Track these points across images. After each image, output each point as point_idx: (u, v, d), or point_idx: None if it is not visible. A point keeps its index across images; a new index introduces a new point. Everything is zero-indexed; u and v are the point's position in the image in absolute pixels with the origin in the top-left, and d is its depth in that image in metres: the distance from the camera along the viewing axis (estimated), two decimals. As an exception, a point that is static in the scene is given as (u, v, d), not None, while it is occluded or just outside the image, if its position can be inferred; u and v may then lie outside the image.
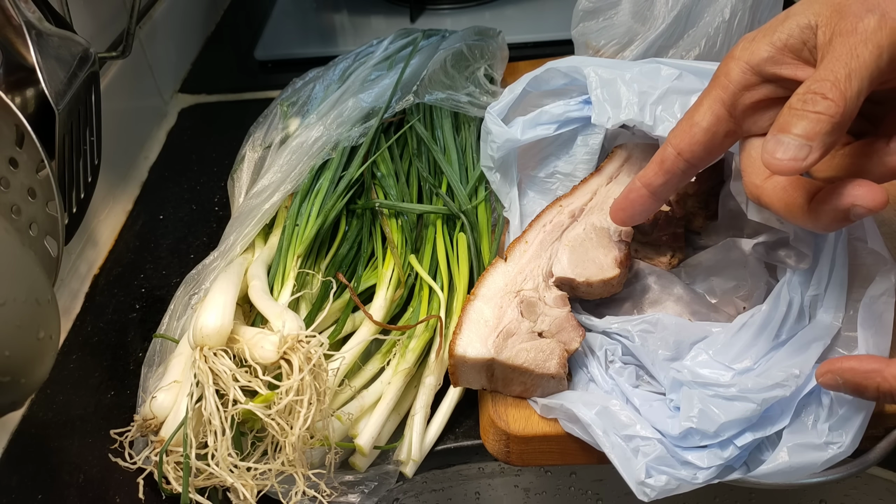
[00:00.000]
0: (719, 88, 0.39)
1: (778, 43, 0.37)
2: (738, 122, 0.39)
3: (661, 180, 0.42)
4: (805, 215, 0.36)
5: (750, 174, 0.38)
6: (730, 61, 0.39)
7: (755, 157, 0.38)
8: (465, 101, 0.67)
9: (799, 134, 0.33)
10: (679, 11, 0.61)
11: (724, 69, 0.39)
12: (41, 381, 0.40)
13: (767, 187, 0.37)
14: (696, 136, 0.40)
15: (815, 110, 0.33)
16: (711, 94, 0.40)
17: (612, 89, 0.49)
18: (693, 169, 0.42)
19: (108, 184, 0.69)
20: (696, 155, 0.41)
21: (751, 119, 0.39)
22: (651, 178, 0.43)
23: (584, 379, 0.48)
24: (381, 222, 0.58)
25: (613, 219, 0.47)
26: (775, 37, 0.37)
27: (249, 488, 0.42)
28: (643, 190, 0.43)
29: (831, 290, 0.44)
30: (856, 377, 0.37)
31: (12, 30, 0.47)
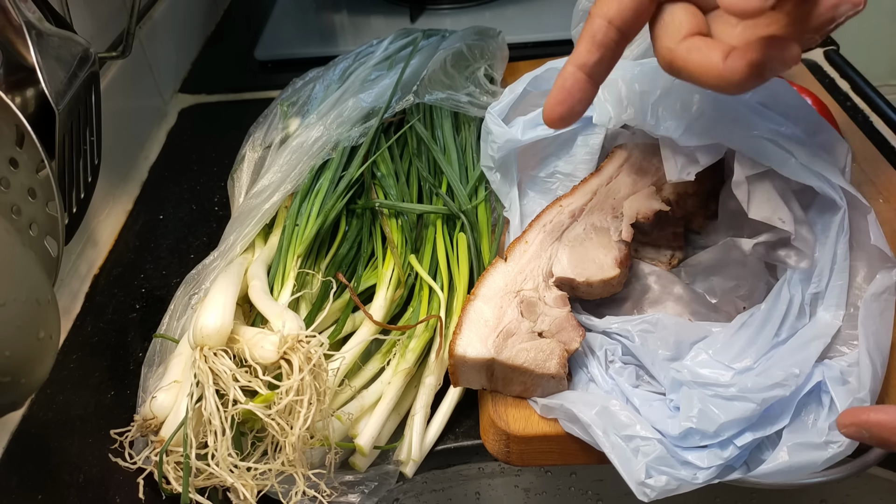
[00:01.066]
0: None
1: None
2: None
3: (596, 56, 0.40)
4: (718, 74, 0.35)
5: (663, 38, 0.38)
6: None
7: (669, 21, 0.38)
8: (465, 101, 0.67)
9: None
10: (679, 11, 0.61)
11: None
12: (41, 381, 0.40)
13: (681, 50, 0.37)
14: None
15: None
16: None
17: (612, 89, 0.49)
18: (624, 39, 0.40)
19: (108, 184, 0.69)
20: (626, 21, 0.39)
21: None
22: (585, 58, 0.40)
23: (584, 379, 0.48)
24: (381, 222, 0.58)
25: (550, 118, 0.42)
26: None
27: (249, 488, 0.42)
28: (579, 73, 0.40)
29: (832, 288, 0.44)
30: (883, 432, 0.36)
31: (12, 30, 0.47)
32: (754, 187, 0.46)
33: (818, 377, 0.42)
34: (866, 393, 0.41)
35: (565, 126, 0.43)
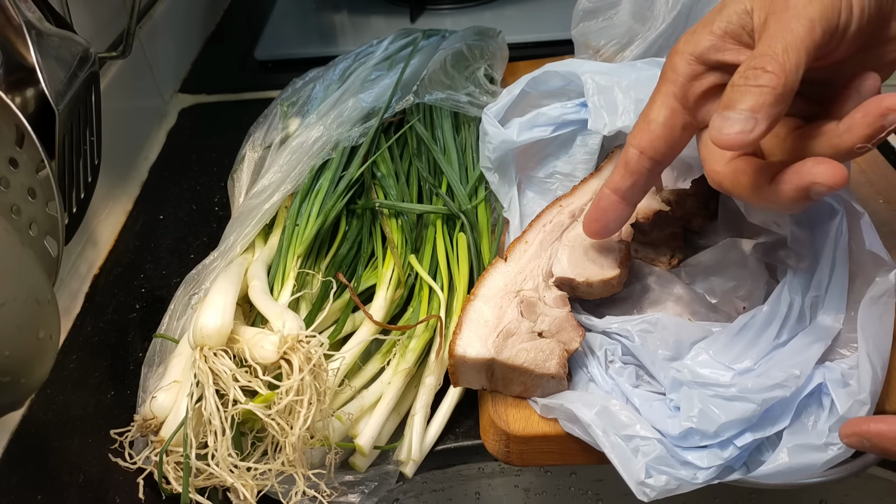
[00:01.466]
0: (669, 83, 0.40)
1: (718, 31, 0.38)
2: (692, 112, 0.40)
3: (629, 182, 0.42)
4: (767, 196, 0.36)
5: (710, 162, 0.38)
6: (675, 56, 0.40)
7: (712, 144, 0.38)
8: (465, 101, 0.67)
9: (744, 108, 0.34)
10: (679, 11, 0.61)
11: (671, 64, 0.40)
12: (41, 381, 0.40)
13: (728, 172, 0.37)
14: (655, 132, 0.40)
15: (757, 84, 0.34)
16: (662, 90, 0.40)
17: (608, 96, 0.50)
18: (658, 166, 0.42)
19: (108, 184, 0.69)
20: (658, 151, 0.41)
21: (704, 108, 0.40)
22: (619, 182, 0.43)
23: (584, 379, 0.48)
24: (381, 222, 0.58)
25: (587, 232, 0.46)
26: (715, 26, 0.39)
27: (249, 488, 0.42)
28: (613, 196, 0.44)
29: (832, 292, 0.44)
30: (883, 442, 0.36)
31: (12, 30, 0.47)
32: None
33: (819, 379, 0.42)
34: (867, 395, 0.41)
35: (603, 238, 0.48)
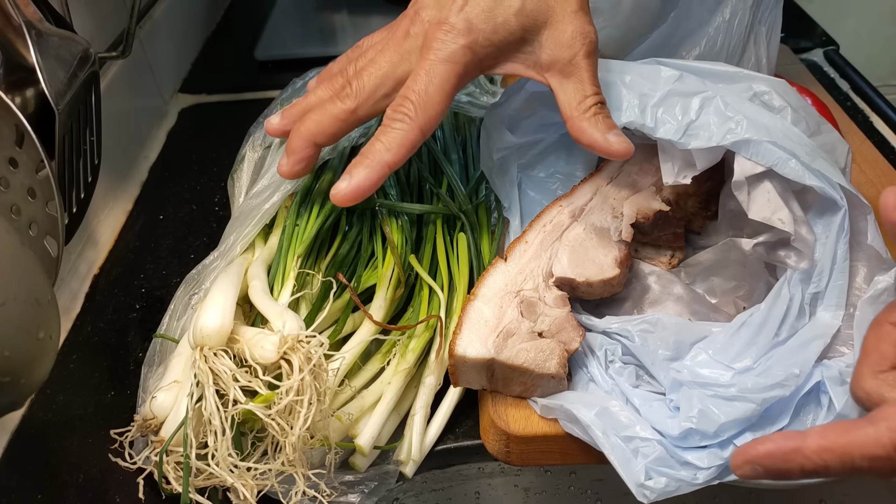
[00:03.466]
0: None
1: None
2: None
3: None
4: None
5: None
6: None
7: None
8: (465, 101, 0.67)
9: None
10: (679, 11, 0.61)
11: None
12: (41, 381, 0.40)
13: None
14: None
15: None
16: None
17: (612, 92, 0.49)
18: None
19: (108, 184, 0.69)
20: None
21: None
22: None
23: (584, 379, 0.48)
24: (381, 222, 0.58)
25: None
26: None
27: (249, 488, 0.42)
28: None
29: (832, 288, 0.44)
30: (775, 462, 0.34)
31: (12, 30, 0.47)
32: (754, 188, 0.46)
33: (817, 377, 0.42)
34: (866, 393, 0.41)
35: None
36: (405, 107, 0.47)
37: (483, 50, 0.47)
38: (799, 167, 0.44)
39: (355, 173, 0.47)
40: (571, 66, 0.47)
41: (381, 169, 0.47)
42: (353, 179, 0.47)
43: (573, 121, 0.47)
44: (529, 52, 0.48)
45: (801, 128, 0.47)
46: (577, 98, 0.47)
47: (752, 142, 0.45)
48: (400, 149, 0.47)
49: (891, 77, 1.55)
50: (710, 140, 0.46)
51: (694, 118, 0.47)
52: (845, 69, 0.82)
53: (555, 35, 0.47)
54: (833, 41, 0.88)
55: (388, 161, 0.47)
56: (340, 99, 0.49)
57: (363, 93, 0.49)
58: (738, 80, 0.50)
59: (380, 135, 0.47)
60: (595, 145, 0.47)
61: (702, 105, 0.47)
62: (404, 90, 0.47)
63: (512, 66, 0.49)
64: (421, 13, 0.49)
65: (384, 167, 0.47)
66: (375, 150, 0.47)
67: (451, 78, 0.47)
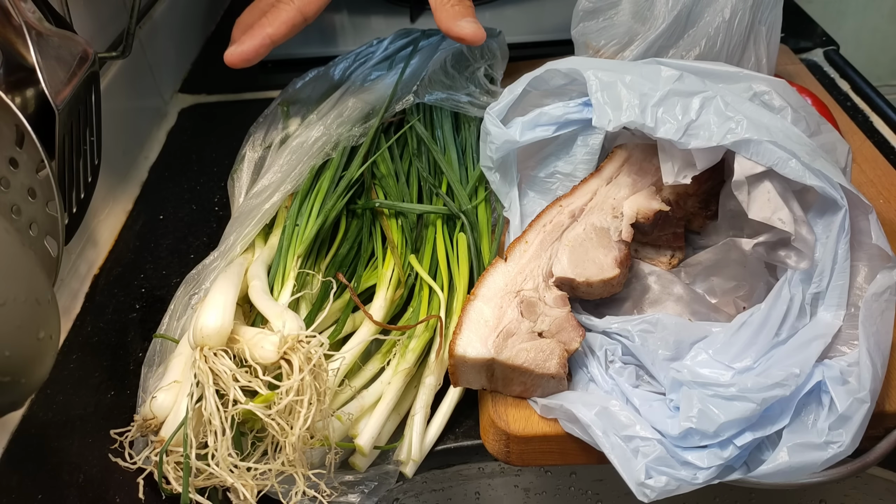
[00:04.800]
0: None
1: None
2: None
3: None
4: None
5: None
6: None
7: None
8: (465, 101, 0.67)
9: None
10: (679, 11, 0.61)
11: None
12: (41, 381, 0.40)
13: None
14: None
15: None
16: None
17: (612, 92, 0.49)
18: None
19: (108, 184, 0.69)
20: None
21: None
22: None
23: (584, 379, 0.48)
24: (381, 222, 0.58)
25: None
26: None
27: (249, 488, 0.42)
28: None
29: (832, 288, 0.44)
30: None
31: (12, 30, 0.47)
32: (754, 187, 0.45)
33: (818, 377, 0.42)
34: (866, 393, 0.41)
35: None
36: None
37: None
38: (799, 167, 0.44)
39: (243, 42, 0.59)
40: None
41: (263, 39, 0.59)
42: (240, 46, 0.59)
43: (435, 12, 0.59)
44: None
45: (801, 128, 0.47)
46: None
47: (752, 141, 0.45)
48: (281, 25, 0.59)
49: (891, 77, 1.55)
50: (711, 140, 0.46)
51: (694, 118, 0.47)
52: (845, 69, 0.82)
53: None
54: (833, 41, 0.88)
55: (270, 33, 0.59)
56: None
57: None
58: (738, 80, 0.50)
59: (268, 14, 0.60)
60: (449, 31, 0.58)
61: (702, 105, 0.47)
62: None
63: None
64: None
65: (266, 38, 0.59)
66: (261, 25, 0.60)
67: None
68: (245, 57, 0.59)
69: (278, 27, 0.59)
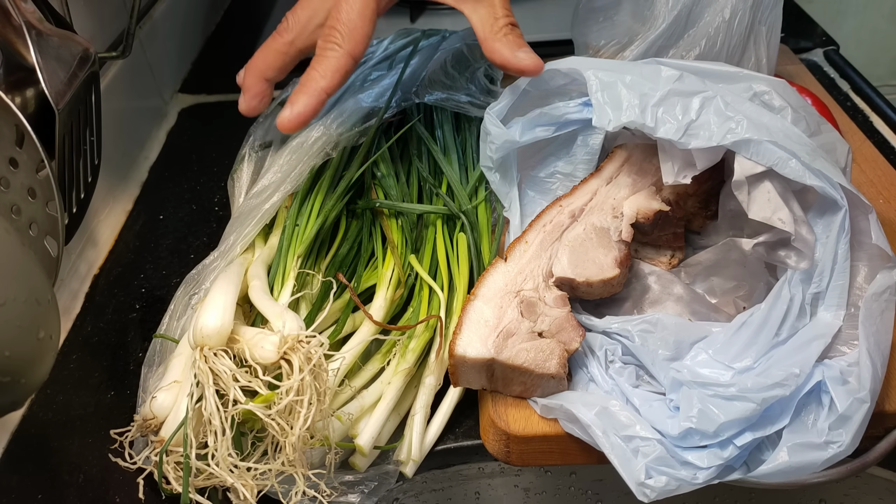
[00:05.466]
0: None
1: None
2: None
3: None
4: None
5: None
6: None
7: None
8: (465, 101, 0.67)
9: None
10: (679, 11, 0.61)
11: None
12: (41, 381, 0.40)
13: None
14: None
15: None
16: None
17: (612, 92, 0.49)
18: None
19: (108, 184, 0.69)
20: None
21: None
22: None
23: (584, 379, 0.48)
24: (381, 222, 0.58)
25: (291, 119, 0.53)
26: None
27: (249, 488, 0.42)
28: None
29: (832, 288, 0.44)
30: None
31: (12, 30, 0.47)
32: (754, 187, 0.46)
33: (818, 377, 0.42)
34: (866, 393, 0.41)
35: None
36: (333, 36, 0.52)
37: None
38: (799, 167, 0.44)
39: (296, 101, 0.52)
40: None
41: (319, 95, 0.52)
42: (294, 107, 0.52)
43: (486, 42, 0.52)
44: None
45: (801, 128, 0.47)
46: (489, 21, 0.52)
47: (752, 141, 0.45)
48: (334, 75, 0.52)
49: (891, 77, 1.55)
50: (711, 140, 0.46)
51: (694, 118, 0.47)
52: (845, 69, 0.82)
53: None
54: (833, 41, 0.88)
55: (324, 87, 0.52)
56: (280, 34, 0.56)
57: (298, 25, 0.55)
58: (738, 80, 0.50)
59: (315, 64, 0.52)
60: (507, 63, 0.52)
61: (702, 105, 0.47)
62: (330, 21, 0.52)
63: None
64: None
65: (321, 93, 0.52)
66: (312, 79, 0.52)
67: (369, 3, 0.52)
68: (303, 119, 0.52)
69: (332, 78, 0.52)
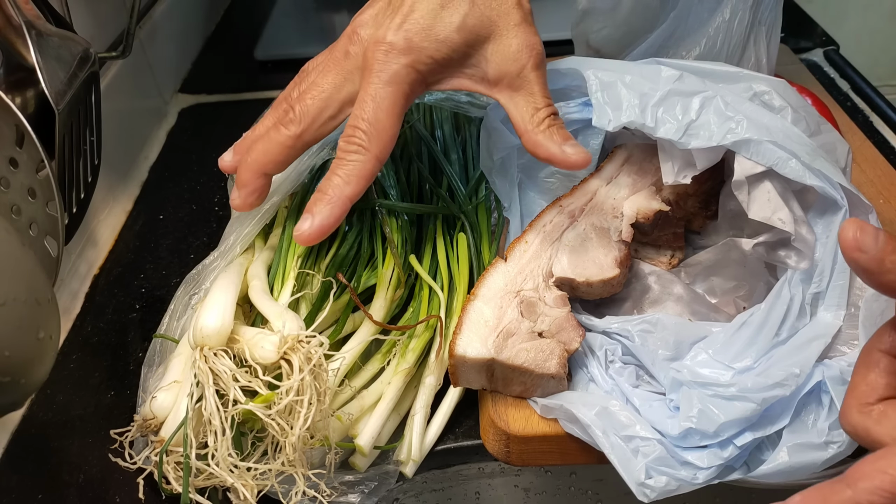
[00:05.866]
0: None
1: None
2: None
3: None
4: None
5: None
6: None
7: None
8: (465, 101, 0.67)
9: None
10: (679, 11, 0.61)
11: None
12: (41, 381, 0.40)
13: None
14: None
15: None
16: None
17: (612, 92, 0.49)
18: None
19: (108, 184, 0.69)
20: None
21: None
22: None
23: (584, 379, 0.48)
24: (381, 222, 0.58)
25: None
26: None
27: (249, 488, 0.42)
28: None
29: (833, 288, 0.44)
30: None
31: (12, 30, 0.47)
32: (754, 187, 0.46)
33: (818, 377, 0.42)
34: (866, 393, 0.41)
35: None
36: (357, 136, 0.46)
37: (426, 67, 0.46)
38: (799, 167, 0.44)
39: (317, 211, 0.46)
40: (520, 80, 0.47)
41: (343, 203, 0.46)
42: (315, 218, 0.46)
43: (528, 135, 0.47)
44: (476, 67, 0.47)
45: (801, 128, 0.47)
46: (529, 112, 0.47)
47: (752, 141, 0.45)
48: (359, 181, 0.46)
49: (891, 77, 1.55)
50: (711, 140, 0.46)
51: (694, 118, 0.47)
52: (845, 69, 0.82)
53: (500, 49, 0.46)
54: (833, 41, 0.88)
55: (348, 195, 0.46)
56: (285, 125, 0.48)
57: (307, 117, 0.48)
58: (738, 80, 0.50)
59: (336, 168, 0.46)
60: (553, 158, 0.46)
61: (702, 105, 0.47)
62: (353, 119, 0.46)
63: (459, 82, 0.48)
64: (359, 31, 0.47)
65: (345, 201, 0.46)
66: (334, 185, 0.46)
67: (398, 100, 0.46)
68: (325, 232, 0.46)
69: (356, 185, 0.46)
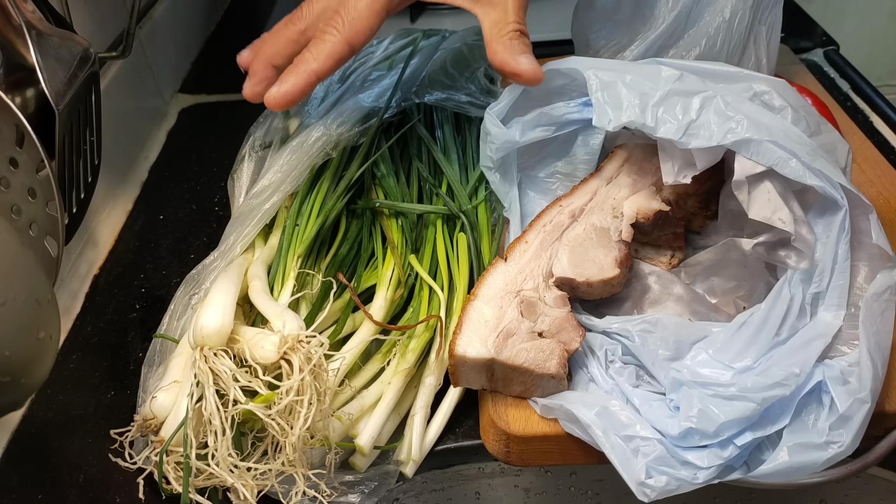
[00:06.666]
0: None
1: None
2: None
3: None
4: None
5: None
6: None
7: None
8: (465, 101, 0.67)
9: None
10: (679, 11, 0.61)
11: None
12: (41, 381, 0.40)
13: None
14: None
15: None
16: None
17: (612, 91, 0.49)
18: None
19: (108, 184, 0.69)
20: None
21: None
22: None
23: (584, 379, 0.48)
24: (381, 222, 0.58)
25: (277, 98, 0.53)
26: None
27: (249, 488, 0.42)
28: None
29: (833, 288, 0.44)
30: None
31: (12, 30, 0.47)
32: (754, 187, 0.46)
33: (818, 377, 0.42)
34: (867, 393, 0.41)
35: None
36: (335, 21, 0.51)
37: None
38: (799, 167, 0.44)
39: (285, 80, 0.52)
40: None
41: (309, 77, 0.52)
42: (283, 86, 0.52)
43: (490, 43, 0.51)
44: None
45: (801, 128, 0.47)
46: (498, 24, 0.52)
47: (752, 141, 0.45)
48: (327, 59, 0.51)
49: (891, 77, 1.56)
50: (711, 139, 0.46)
51: (694, 118, 0.47)
52: (845, 69, 0.82)
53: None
54: (833, 41, 0.88)
55: (315, 69, 0.51)
56: (293, 22, 0.54)
57: (312, 15, 0.53)
58: (738, 79, 0.50)
59: (310, 46, 0.52)
60: (505, 65, 0.51)
61: (702, 104, 0.47)
62: (337, 6, 0.52)
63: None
64: None
65: (311, 75, 0.52)
66: (304, 60, 0.52)
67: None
68: (290, 98, 0.52)
69: (324, 62, 0.51)
